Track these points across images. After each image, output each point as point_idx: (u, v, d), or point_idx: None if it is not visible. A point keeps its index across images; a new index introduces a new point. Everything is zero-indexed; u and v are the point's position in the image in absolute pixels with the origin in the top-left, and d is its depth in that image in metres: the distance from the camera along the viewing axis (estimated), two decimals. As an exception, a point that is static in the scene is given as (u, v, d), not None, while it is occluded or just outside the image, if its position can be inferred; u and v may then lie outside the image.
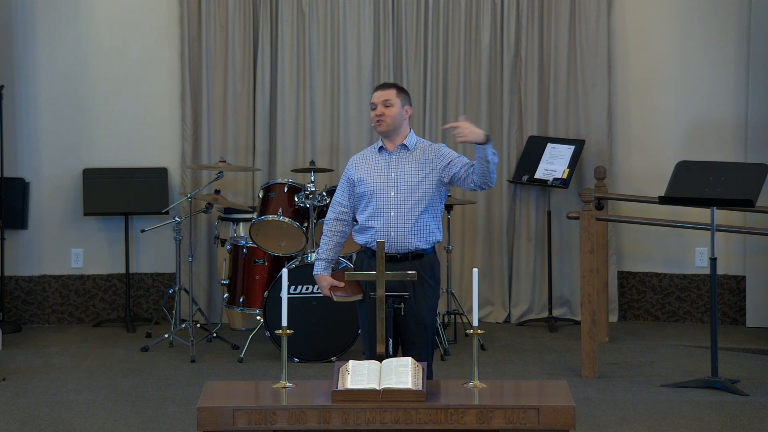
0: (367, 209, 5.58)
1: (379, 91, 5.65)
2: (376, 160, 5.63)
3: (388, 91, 5.64)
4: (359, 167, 5.65)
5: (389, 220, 5.53)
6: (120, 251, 8.87)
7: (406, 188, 5.56)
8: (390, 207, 5.54)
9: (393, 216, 5.53)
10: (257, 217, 7.88)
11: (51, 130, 8.86)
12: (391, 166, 5.60)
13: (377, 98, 5.62)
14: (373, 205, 5.56)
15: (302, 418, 4.57)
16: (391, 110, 5.60)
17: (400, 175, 5.57)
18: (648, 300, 9.04)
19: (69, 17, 8.85)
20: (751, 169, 7.27)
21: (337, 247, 5.72)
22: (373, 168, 5.61)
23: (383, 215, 5.54)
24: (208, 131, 8.90)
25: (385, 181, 5.57)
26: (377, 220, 5.55)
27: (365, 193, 5.58)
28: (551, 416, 4.57)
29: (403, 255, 5.55)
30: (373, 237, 5.54)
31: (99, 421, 6.42)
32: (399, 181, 5.56)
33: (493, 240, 9.00)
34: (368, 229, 5.57)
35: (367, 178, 5.59)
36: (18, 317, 8.87)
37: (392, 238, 5.52)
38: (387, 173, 5.58)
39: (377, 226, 5.54)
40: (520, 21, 8.89)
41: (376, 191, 5.56)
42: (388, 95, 5.62)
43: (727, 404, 6.72)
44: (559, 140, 8.82)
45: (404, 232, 5.53)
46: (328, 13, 8.87)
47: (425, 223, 5.57)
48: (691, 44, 8.90)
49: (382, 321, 4.97)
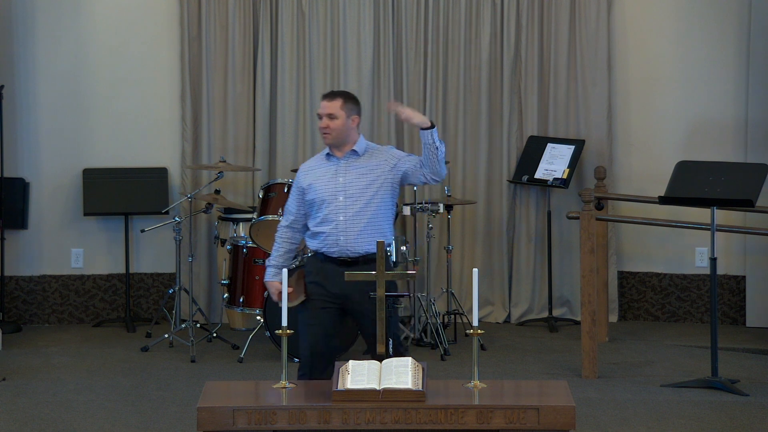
0: (318, 215, 5.63)
1: (325, 102, 5.66)
2: (325, 167, 5.67)
3: (334, 102, 5.64)
4: (308, 175, 5.69)
5: (338, 225, 5.58)
6: (120, 251, 8.87)
7: (355, 192, 5.59)
8: (339, 211, 5.58)
9: (342, 220, 5.58)
10: (257, 217, 7.88)
11: (51, 130, 8.86)
12: (339, 171, 5.63)
13: (322, 110, 5.65)
14: (324, 210, 5.60)
15: (302, 418, 4.57)
16: (336, 123, 5.62)
17: (349, 180, 5.61)
18: (648, 300, 9.04)
19: (69, 17, 8.85)
20: (751, 169, 7.27)
21: (287, 254, 5.80)
22: (322, 175, 5.65)
23: (333, 220, 5.59)
24: (208, 131, 8.90)
25: (333, 186, 5.61)
26: (327, 225, 5.60)
27: (315, 200, 5.63)
28: (551, 416, 4.57)
29: (353, 258, 5.60)
30: (324, 242, 5.61)
31: (99, 421, 6.42)
32: (347, 185, 5.60)
33: (493, 240, 9.00)
34: (319, 234, 5.63)
35: (317, 184, 5.63)
36: (18, 317, 8.87)
37: (341, 243, 5.59)
38: (335, 179, 5.62)
39: (327, 231, 5.60)
40: (520, 21, 8.89)
41: (325, 197, 5.60)
42: (333, 108, 5.63)
43: (727, 404, 6.72)
44: (559, 140, 8.82)
45: (354, 236, 5.59)
46: (328, 13, 8.87)
47: (377, 226, 5.62)
48: (691, 44, 8.90)
49: (382, 321, 4.97)
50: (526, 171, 8.79)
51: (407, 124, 5.50)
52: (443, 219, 8.54)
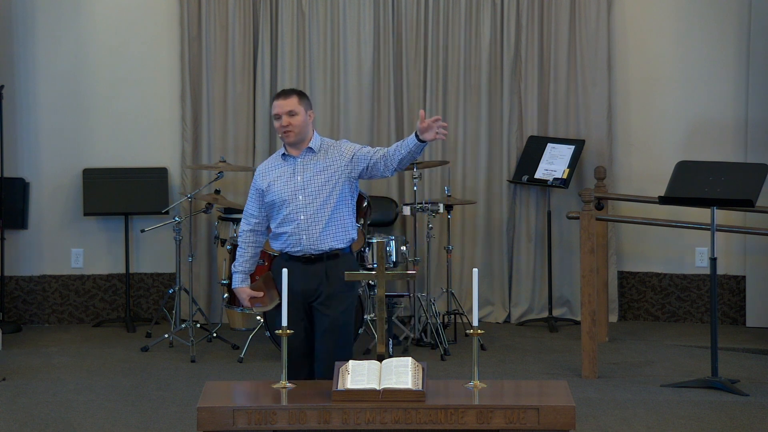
0: (279, 216, 5.60)
1: (281, 101, 5.59)
2: (282, 167, 5.62)
3: (290, 99, 5.58)
4: (266, 176, 5.64)
5: (300, 224, 5.56)
6: (120, 251, 8.87)
7: (313, 190, 5.56)
8: (299, 211, 5.55)
9: (303, 219, 5.55)
10: (257, 217, 7.87)
11: (51, 130, 8.86)
12: (297, 170, 5.59)
13: (280, 108, 5.56)
14: (284, 211, 5.57)
15: (302, 418, 4.57)
16: (297, 119, 5.56)
17: (307, 178, 5.57)
18: (648, 300, 9.04)
19: (69, 17, 8.85)
20: (751, 169, 7.27)
21: (253, 258, 5.78)
22: (280, 175, 5.60)
23: (294, 220, 5.56)
24: (208, 131, 8.90)
25: (292, 186, 5.57)
26: (289, 225, 5.57)
27: (275, 201, 5.59)
28: (551, 416, 4.57)
29: (317, 256, 5.57)
30: (287, 242, 5.59)
31: (99, 421, 6.42)
32: (306, 184, 5.56)
33: (493, 240, 9.00)
34: (281, 234, 5.62)
35: (275, 185, 5.60)
36: (18, 317, 8.87)
37: (303, 242, 5.56)
38: (293, 178, 5.58)
39: (289, 231, 5.57)
40: (520, 21, 8.89)
41: (285, 198, 5.57)
42: (291, 105, 5.56)
43: (727, 404, 6.72)
44: (559, 140, 8.82)
45: (316, 234, 5.55)
46: (328, 13, 8.87)
47: (339, 222, 5.59)
48: (691, 44, 8.90)
49: (382, 321, 4.97)
50: (526, 171, 8.79)
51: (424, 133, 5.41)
52: (443, 219, 8.54)
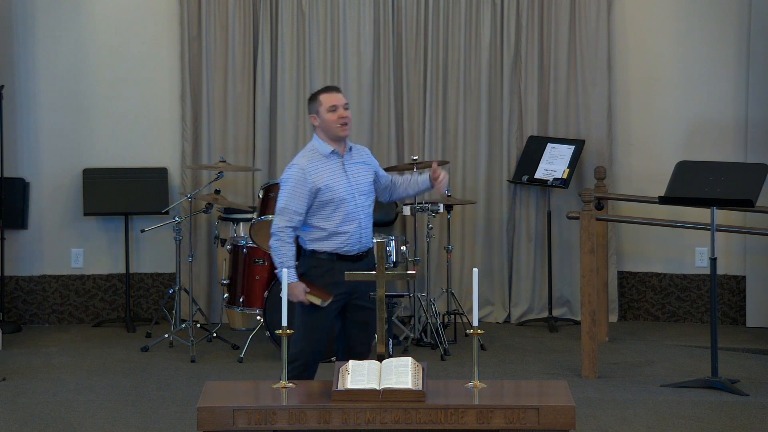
0: (336, 215, 5.57)
1: (337, 94, 5.64)
2: (331, 165, 5.60)
3: (342, 95, 5.66)
4: (319, 174, 5.59)
5: (361, 223, 5.58)
6: (120, 251, 8.87)
7: (365, 189, 5.62)
8: (359, 210, 5.58)
9: (362, 218, 5.59)
10: (257, 217, 7.88)
11: (51, 130, 8.86)
12: (347, 169, 5.61)
13: (338, 101, 5.59)
14: (344, 210, 5.55)
15: (302, 418, 4.57)
16: (350, 113, 5.65)
17: (357, 178, 5.61)
18: (648, 300, 9.04)
19: (69, 17, 8.85)
20: (751, 169, 7.28)
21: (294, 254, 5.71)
22: (334, 173, 5.59)
23: (355, 219, 5.57)
24: (208, 131, 8.90)
25: (347, 185, 5.58)
26: (350, 224, 5.56)
27: (333, 200, 5.56)
28: (551, 416, 4.57)
29: (364, 253, 5.65)
30: (346, 242, 5.57)
31: (99, 421, 6.43)
32: (359, 183, 5.61)
33: (493, 240, 9.00)
34: (340, 234, 5.57)
35: (333, 184, 5.57)
36: (18, 317, 8.87)
37: (363, 240, 5.60)
38: (346, 177, 5.59)
39: (350, 230, 5.56)
40: (520, 21, 8.89)
41: (345, 197, 5.56)
42: (345, 98, 5.65)
43: (727, 404, 6.72)
44: (559, 140, 8.82)
45: (369, 231, 5.63)
46: (328, 13, 8.87)
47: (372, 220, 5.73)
48: (691, 44, 8.90)
49: (382, 321, 4.97)
50: (526, 171, 8.79)
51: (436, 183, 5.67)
52: (443, 219, 8.54)
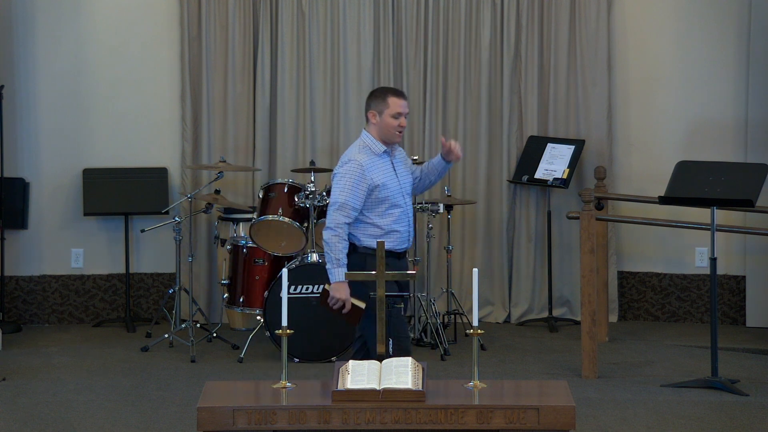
0: (390, 213, 5.59)
1: (405, 101, 5.69)
2: (385, 165, 5.66)
3: (407, 102, 5.74)
4: (375, 172, 5.64)
5: (410, 222, 5.66)
6: (120, 251, 8.87)
7: (409, 188, 5.72)
8: (409, 209, 5.66)
9: (411, 218, 5.69)
10: (257, 217, 7.88)
11: (51, 130, 8.86)
12: (396, 169, 5.67)
13: (404, 109, 5.66)
14: (397, 209, 5.59)
15: (302, 418, 4.57)
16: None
17: (403, 178, 5.68)
18: (648, 300, 9.04)
19: (69, 17, 8.85)
20: (751, 169, 7.28)
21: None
22: (387, 172, 5.65)
23: (407, 218, 5.62)
24: (208, 131, 8.90)
25: (399, 185, 5.64)
26: (402, 224, 5.61)
27: (387, 198, 5.59)
28: (551, 416, 4.57)
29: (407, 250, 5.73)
30: (399, 239, 5.63)
31: (99, 421, 6.43)
32: (405, 183, 5.69)
33: (493, 240, 9.00)
34: (394, 232, 5.62)
35: (388, 182, 5.62)
36: (18, 317, 8.87)
37: (411, 238, 5.71)
38: (396, 177, 5.65)
39: (402, 230, 5.61)
40: (520, 21, 8.89)
41: (398, 196, 5.60)
42: (408, 108, 5.74)
43: (727, 404, 6.72)
44: (559, 140, 8.82)
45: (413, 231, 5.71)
46: (328, 13, 8.87)
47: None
48: (691, 44, 8.90)
49: (382, 321, 4.97)
50: (526, 171, 8.79)
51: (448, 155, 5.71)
52: (443, 219, 8.54)
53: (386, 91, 5.72)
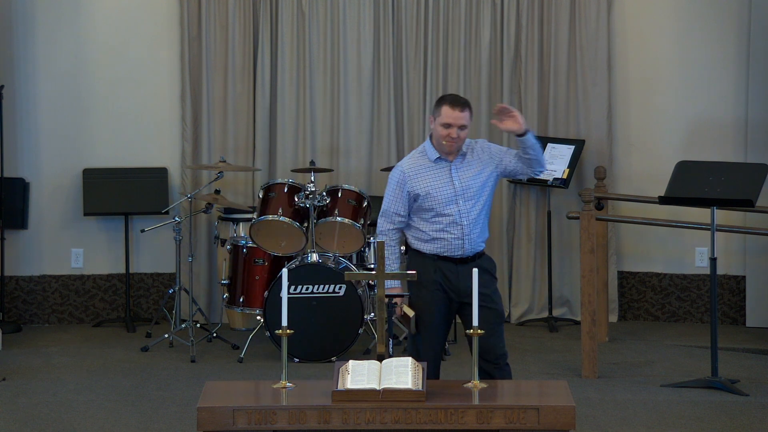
0: (437, 221, 5.54)
1: (457, 112, 5.51)
2: (437, 171, 5.57)
3: (465, 113, 5.53)
4: (417, 181, 5.56)
5: (464, 230, 5.53)
6: (120, 251, 8.87)
7: (472, 194, 5.54)
8: (462, 217, 5.53)
9: (466, 225, 5.54)
10: (257, 217, 7.88)
11: (51, 130, 8.86)
12: (454, 177, 5.56)
13: (455, 120, 5.49)
14: (444, 217, 5.53)
15: (302, 418, 4.57)
16: (465, 133, 5.55)
17: (465, 184, 5.55)
18: (648, 300, 9.04)
19: (69, 17, 8.85)
20: (751, 169, 7.27)
21: (401, 254, 5.72)
22: (436, 180, 5.55)
23: (457, 227, 5.53)
24: (208, 131, 8.90)
25: (452, 193, 5.53)
26: (451, 232, 5.53)
27: (434, 207, 5.53)
28: (551, 416, 4.57)
29: (471, 257, 5.60)
30: (447, 246, 5.55)
31: (99, 421, 6.43)
32: (465, 189, 5.54)
33: (493, 240, 8.98)
34: (440, 240, 5.56)
35: (434, 191, 5.53)
36: (18, 317, 8.87)
37: (466, 246, 5.55)
38: (452, 183, 5.54)
39: (450, 238, 5.53)
40: (520, 21, 8.89)
41: (446, 203, 5.52)
42: (465, 119, 5.53)
43: (727, 404, 6.72)
44: (559, 140, 8.82)
45: (474, 238, 5.57)
46: (328, 13, 8.87)
47: (484, 224, 5.64)
48: (691, 44, 8.90)
49: (382, 321, 4.97)
50: (526, 171, 8.78)
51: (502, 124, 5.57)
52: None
53: (444, 99, 5.60)
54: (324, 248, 7.89)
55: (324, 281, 7.64)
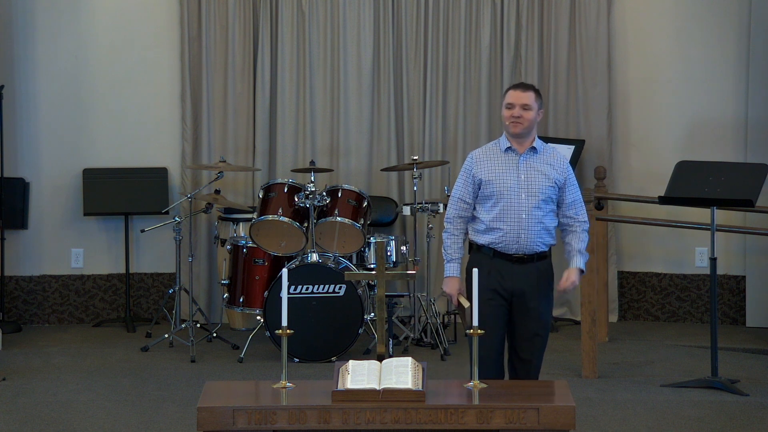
0: (495, 209, 5.51)
1: (519, 92, 5.54)
2: (504, 161, 5.54)
3: (528, 93, 5.54)
4: (484, 167, 5.55)
5: (521, 223, 5.48)
6: (120, 251, 8.87)
7: (536, 190, 5.50)
8: (521, 209, 5.48)
9: (524, 218, 5.48)
10: (257, 217, 7.88)
11: (51, 130, 8.86)
12: (520, 167, 5.52)
13: (516, 99, 5.51)
14: (502, 205, 5.49)
15: (302, 418, 4.57)
16: (529, 114, 5.52)
17: (531, 178, 5.51)
18: (648, 300, 9.04)
19: (69, 17, 8.85)
20: (751, 169, 7.27)
21: (464, 244, 5.65)
22: (502, 168, 5.53)
23: (514, 217, 5.48)
24: (208, 131, 8.90)
25: (516, 182, 5.50)
26: (507, 222, 5.49)
27: (494, 194, 5.50)
28: (551, 416, 4.57)
29: (529, 256, 5.53)
30: (502, 238, 5.50)
31: (99, 421, 6.43)
32: (530, 183, 5.50)
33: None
34: (496, 230, 5.52)
35: (496, 179, 5.51)
36: (18, 317, 8.87)
37: (522, 241, 5.50)
38: (517, 175, 5.51)
39: (506, 228, 5.48)
40: (520, 21, 8.89)
41: (506, 193, 5.49)
42: (528, 99, 5.52)
43: (727, 404, 6.72)
44: (559, 140, 8.81)
45: (533, 235, 5.50)
46: (328, 13, 8.87)
47: (549, 227, 5.56)
48: (691, 44, 8.90)
49: (382, 321, 4.97)
50: (526, 171, 8.78)
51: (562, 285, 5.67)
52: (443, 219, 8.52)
53: (509, 86, 5.68)
54: (324, 248, 7.89)
55: (324, 281, 7.64)
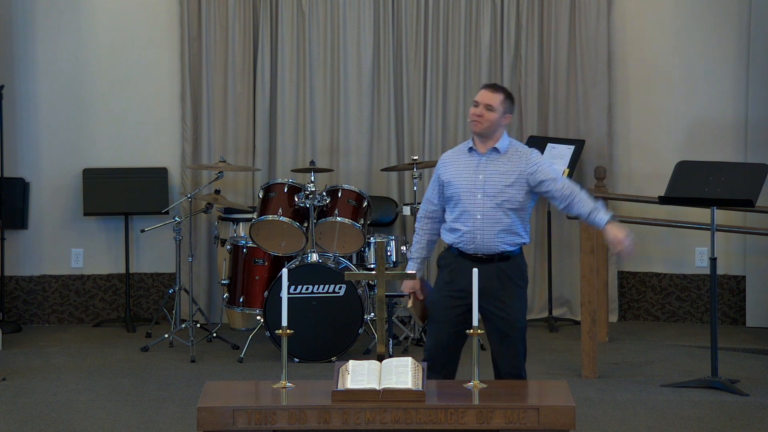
0: (455, 210, 5.52)
1: (487, 92, 5.53)
2: (466, 161, 5.55)
3: (496, 95, 5.51)
4: (448, 167, 5.57)
5: (476, 223, 5.47)
6: (120, 251, 8.87)
7: (493, 191, 5.47)
8: (477, 209, 5.47)
9: (480, 219, 5.46)
10: (257, 217, 7.88)
11: (51, 130, 8.86)
12: (480, 167, 5.51)
13: (482, 98, 5.51)
14: (461, 206, 5.49)
15: (302, 418, 4.57)
16: (491, 115, 5.48)
17: (489, 178, 5.49)
18: (648, 300, 9.04)
19: (69, 17, 8.85)
20: (751, 169, 7.27)
21: (429, 245, 5.66)
22: (462, 169, 5.53)
23: (471, 218, 5.48)
24: (208, 131, 8.90)
25: (473, 183, 5.49)
26: (464, 222, 5.49)
27: (454, 195, 5.51)
28: (551, 416, 4.57)
29: (489, 256, 5.50)
30: (461, 238, 5.50)
31: (99, 421, 6.43)
32: (487, 183, 5.48)
33: (493, 240, 8.98)
34: (456, 230, 5.52)
35: (455, 179, 5.51)
36: (18, 317, 8.87)
37: (478, 241, 5.48)
38: (475, 175, 5.50)
39: (464, 229, 5.48)
40: (520, 21, 8.89)
41: (463, 193, 5.49)
42: (494, 100, 5.49)
43: (727, 404, 6.72)
44: (559, 140, 8.81)
45: (491, 236, 5.47)
46: (328, 13, 8.87)
47: (512, 227, 5.50)
48: (691, 44, 8.90)
49: (382, 321, 4.97)
50: (526, 171, 8.78)
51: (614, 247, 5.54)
52: (443, 219, 8.53)
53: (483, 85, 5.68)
54: (324, 248, 7.89)
55: (324, 281, 7.64)
